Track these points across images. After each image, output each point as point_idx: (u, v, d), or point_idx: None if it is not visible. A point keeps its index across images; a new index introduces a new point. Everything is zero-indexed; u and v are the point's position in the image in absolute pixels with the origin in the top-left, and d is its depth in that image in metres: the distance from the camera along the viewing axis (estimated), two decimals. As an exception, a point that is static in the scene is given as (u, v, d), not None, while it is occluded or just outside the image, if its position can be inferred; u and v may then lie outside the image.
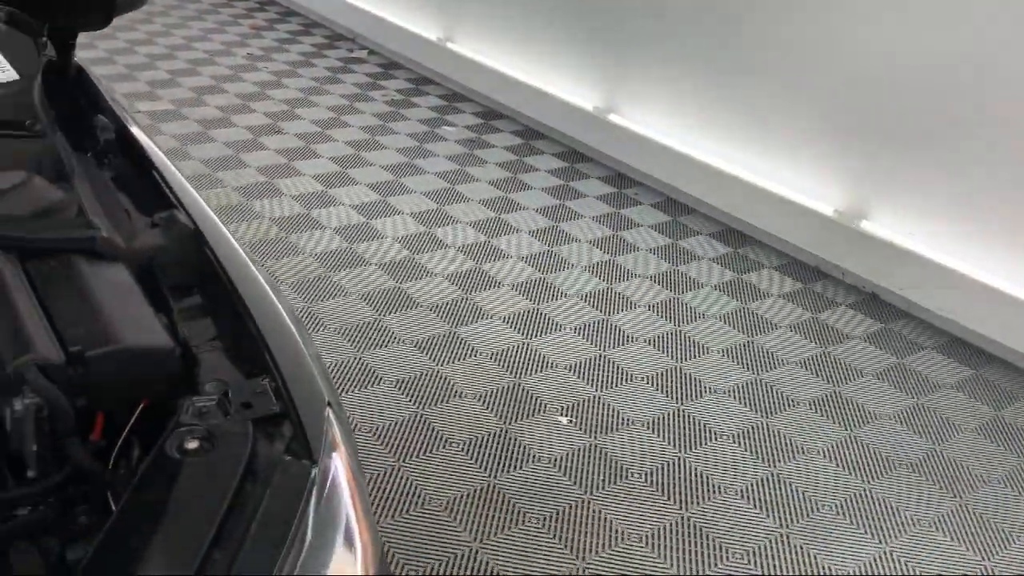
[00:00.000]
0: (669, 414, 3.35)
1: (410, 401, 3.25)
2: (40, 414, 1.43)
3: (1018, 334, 3.80)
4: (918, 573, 2.75)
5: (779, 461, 3.16)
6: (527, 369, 3.51)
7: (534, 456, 3.07)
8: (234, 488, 1.27)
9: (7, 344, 1.39)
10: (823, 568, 2.74)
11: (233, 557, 1.19)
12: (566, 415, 3.29)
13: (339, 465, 1.41)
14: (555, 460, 3.06)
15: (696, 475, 3.06)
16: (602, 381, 3.48)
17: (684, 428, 3.29)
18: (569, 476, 3.00)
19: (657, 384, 3.50)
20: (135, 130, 1.94)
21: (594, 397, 3.39)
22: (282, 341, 1.54)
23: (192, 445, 1.32)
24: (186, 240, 1.68)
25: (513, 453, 3.07)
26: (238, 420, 1.38)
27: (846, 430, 3.36)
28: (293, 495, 1.31)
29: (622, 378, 3.51)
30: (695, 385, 3.53)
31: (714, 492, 3.00)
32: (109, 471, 1.49)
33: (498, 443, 3.11)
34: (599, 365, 3.57)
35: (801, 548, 2.80)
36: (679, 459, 3.13)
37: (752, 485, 3.04)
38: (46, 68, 1.92)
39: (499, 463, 3.02)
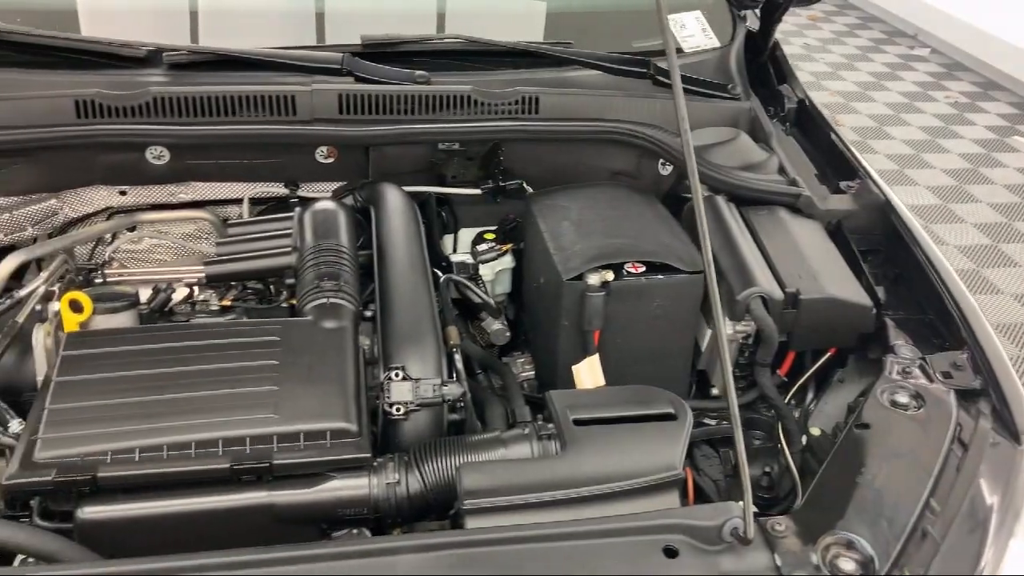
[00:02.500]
0: None
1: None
2: (745, 340, 1.62)
3: None
4: None
5: None
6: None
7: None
8: (944, 450, 1.30)
9: (735, 275, 1.58)
10: None
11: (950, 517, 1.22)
12: None
13: (1032, 456, 1.38)
14: None
15: None
16: None
17: None
18: None
19: None
20: (816, 103, 2.07)
21: None
22: (975, 319, 1.54)
23: (903, 399, 1.38)
24: (875, 209, 1.76)
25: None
26: (941, 387, 1.41)
27: None
28: (1006, 473, 1.31)
29: None
30: None
31: None
32: (784, 406, 1.63)
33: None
34: None
35: None
36: None
37: None
38: (746, 38, 2.11)
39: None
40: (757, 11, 2.17)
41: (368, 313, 1.55)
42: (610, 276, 1.56)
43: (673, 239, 1.65)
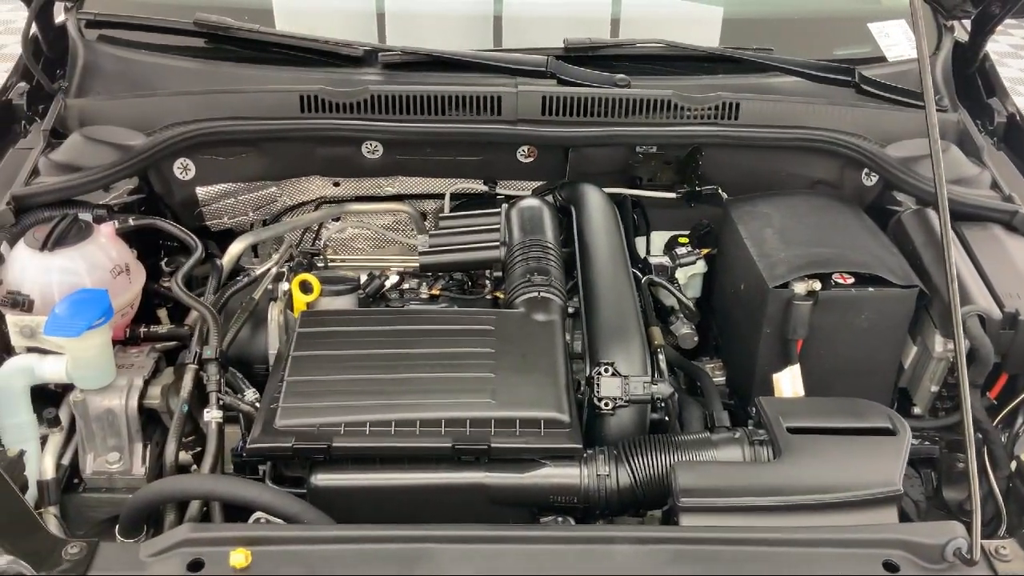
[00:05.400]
0: None
1: None
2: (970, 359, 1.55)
3: None
4: None
5: None
6: None
7: None
8: None
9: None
10: None
11: None
12: None
13: None
14: None
15: None
16: None
17: None
18: None
19: None
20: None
21: None
22: None
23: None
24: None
25: None
26: None
27: None
28: None
29: None
30: None
31: None
32: (993, 429, 1.56)
33: None
34: None
35: None
36: None
37: None
38: (954, 48, 2.04)
39: None
40: (966, 22, 2.09)
41: (570, 309, 1.59)
42: (817, 286, 1.53)
43: (883, 251, 1.62)
